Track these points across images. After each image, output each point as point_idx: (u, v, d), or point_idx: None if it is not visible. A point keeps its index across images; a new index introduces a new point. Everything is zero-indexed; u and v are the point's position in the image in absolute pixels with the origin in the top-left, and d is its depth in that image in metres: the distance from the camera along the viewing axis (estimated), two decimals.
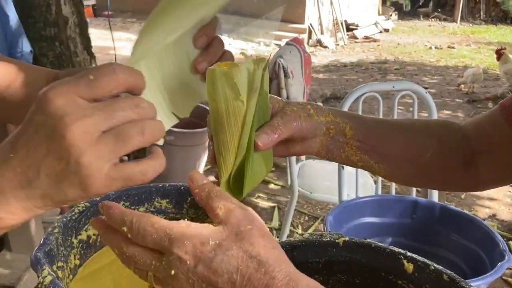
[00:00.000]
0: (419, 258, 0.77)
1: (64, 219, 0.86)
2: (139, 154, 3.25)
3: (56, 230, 0.82)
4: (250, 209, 0.43)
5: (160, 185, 1.04)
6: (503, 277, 2.30)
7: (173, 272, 0.39)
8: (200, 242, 0.39)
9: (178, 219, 1.02)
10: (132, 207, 1.00)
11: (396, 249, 0.80)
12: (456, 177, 0.69)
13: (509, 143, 0.67)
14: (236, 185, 0.53)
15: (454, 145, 0.68)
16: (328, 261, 0.75)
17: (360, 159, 0.65)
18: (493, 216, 2.86)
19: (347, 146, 0.63)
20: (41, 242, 0.78)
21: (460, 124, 0.73)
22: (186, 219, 0.46)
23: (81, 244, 0.88)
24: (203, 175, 0.46)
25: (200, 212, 1.08)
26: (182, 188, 1.05)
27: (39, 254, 0.76)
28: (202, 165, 2.78)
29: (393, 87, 1.53)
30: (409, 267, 0.77)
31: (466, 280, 1.29)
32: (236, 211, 0.41)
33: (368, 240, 0.68)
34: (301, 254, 0.79)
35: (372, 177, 2.26)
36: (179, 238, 0.39)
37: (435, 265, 0.75)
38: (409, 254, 0.79)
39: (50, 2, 2.77)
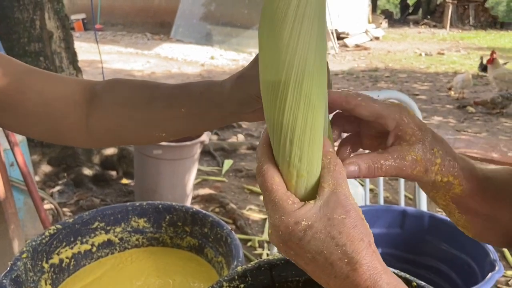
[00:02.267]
0: (401, 274, 0.75)
1: (34, 243, 0.82)
2: (127, 169, 3.22)
3: (24, 255, 0.79)
4: (352, 198, 0.43)
5: (137, 204, 1.01)
6: (498, 285, 2.27)
7: (269, 231, 0.44)
8: (294, 221, 0.42)
9: (157, 238, 1.00)
10: (108, 228, 0.97)
11: None
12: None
13: None
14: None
15: None
16: (309, 279, 0.73)
17: (446, 205, 0.58)
18: None
19: (441, 192, 0.55)
20: (8, 268, 0.75)
21: None
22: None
23: (52, 269, 0.85)
24: (330, 144, 0.47)
25: (179, 230, 1.06)
26: (160, 206, 1.03)
27: (4, 281, 0.73)
28: (191, 178, 2.75)
29: (378, 96, 1.52)
30: None
31: None
32: (339, 195, 0.43)
33: None
34: (280, 273, 0.77)
35: (362, 185, 2.24)
36: (279, 210, 0.43)
37: (417, 281, 0.73)
38: (391, 270, 0.77)
39: (34, 17, 2.75)
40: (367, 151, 0.54)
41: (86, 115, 0.65)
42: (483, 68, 6.86)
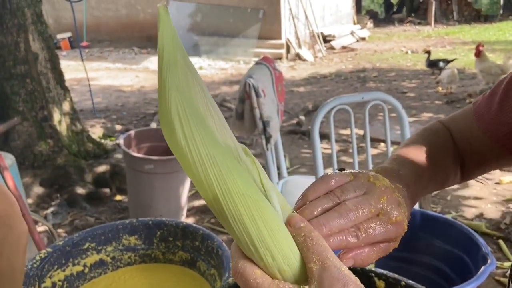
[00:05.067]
0: (390, 274, 0.76)
1: (25, 268, 0.83)
2: (121, 185, 3.21)
3: None
4: (344, 268, 0.41)
5: (127, 221, 1.02)
6: (496, 277, 2.28)
7: None
8: None
9: (149, 254, 1.00)
10: (99, 248, 0.98)
11: (367, 268, 0.79)
12: (452, 177, 0.69)
13: (485, 150, 0.67)
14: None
15: (455, 152, 0.69)
16: None
17: None
18: (480, 216, 2.86)
19: None
20: None
21: (443, 125, 0.72)
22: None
23: None
24: (301, 218, 0.44)
25: (171, 245, 1.06)
26: (150, 222, 1.03)
27: None
28: (185, 191, 2.75)
29: (362, 98, 1.54)
30: (381, 284, 0.76)
31: (452, 287, 1.27)
32: (330, 270, 0.40)
33: None
34: None
35: None
36: None
37: (405, 280, 0.74)
38: (380, 271, 0.78)
39: (18, 40, 2.75)
40: None
41: None
42: (430, 64, 6.96)
